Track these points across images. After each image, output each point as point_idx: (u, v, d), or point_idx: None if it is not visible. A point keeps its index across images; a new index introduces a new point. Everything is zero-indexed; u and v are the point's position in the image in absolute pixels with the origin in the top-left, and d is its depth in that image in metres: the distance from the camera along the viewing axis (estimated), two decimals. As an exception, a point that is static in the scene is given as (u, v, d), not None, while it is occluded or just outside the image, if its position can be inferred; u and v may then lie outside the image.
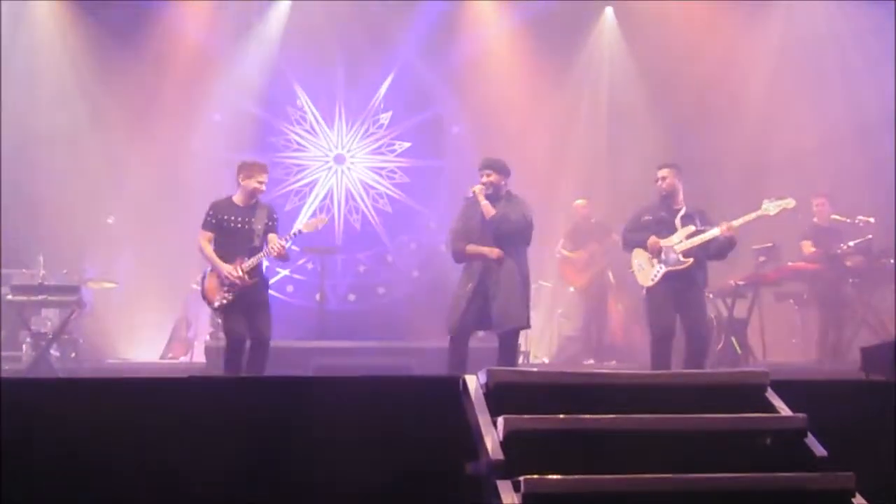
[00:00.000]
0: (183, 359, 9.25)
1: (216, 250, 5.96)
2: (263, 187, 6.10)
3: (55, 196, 9.56)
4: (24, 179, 9.33)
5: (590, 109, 11.01)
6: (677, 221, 6.20)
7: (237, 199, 6.08)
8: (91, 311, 7.98)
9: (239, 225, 5.99)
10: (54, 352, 7.76)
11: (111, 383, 4.20)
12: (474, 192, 6.14)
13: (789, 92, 10.00)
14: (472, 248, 6.03)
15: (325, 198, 10.99)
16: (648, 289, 6.18)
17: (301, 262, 10.50)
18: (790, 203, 6.19)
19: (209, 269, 6.00)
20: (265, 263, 6.17)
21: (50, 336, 7.57)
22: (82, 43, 10.08)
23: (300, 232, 6.19)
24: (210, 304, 6.03)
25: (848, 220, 8.05)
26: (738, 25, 10.25)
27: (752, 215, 6.12)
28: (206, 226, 6.01)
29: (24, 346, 7.81)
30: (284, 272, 10.61)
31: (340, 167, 11.09)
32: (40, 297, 7.58)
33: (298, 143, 11.02)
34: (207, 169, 9.71)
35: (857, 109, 9.70)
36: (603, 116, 10.97)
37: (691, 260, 6.06)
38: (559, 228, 9.47)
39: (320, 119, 11.06)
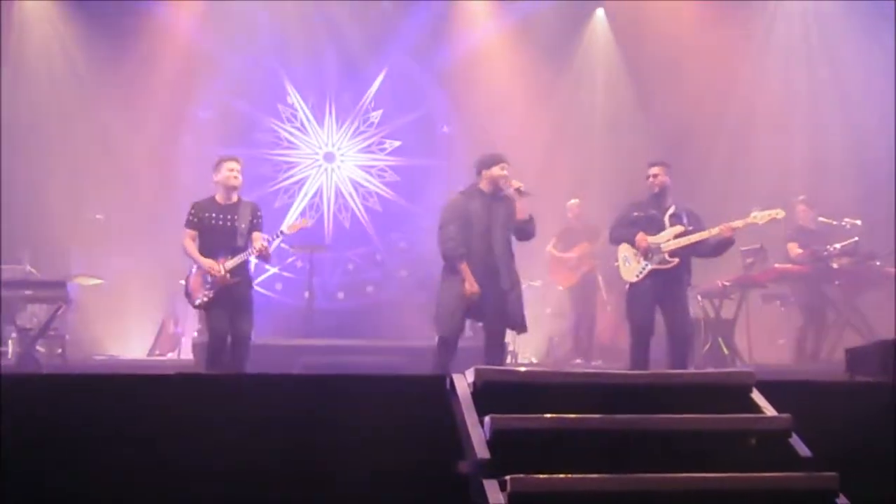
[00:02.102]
0: (170, 355, 9.23)
1: (201, 248, 5.99)
2: (235, 174, 6.02)
3: (42, 191, 9.51)
4: (11, 174, 9.27)
5: (581, 109, 11.02)
6: (666, 220, 6.19)
7: (218, 197, 6.08)
8: (77, 307, 7.94)
9: (221, 223, 5.99)
10: (40, 347, 7.73)
11: (97, 380, 4.18)
12: (518, 189, 5.70)
13: (780, 93, 10.05)
14: (465, 269, 5.65)
15: (314, 196, 10.97)
16: (632, 284, 6.19)
17: (290, 259, 10.49)
18: (779, 213, 6.19)
19: (195, 267, 6.03)
20: (253, 261, 6.15)
21: (36, 332, 7.53)
22: (73, 40, 10.05)
23: (282, 233, 6.20)
24: (192, 301, 6.05)
25: (835, 223, 8.10)
26: (729, 25, 10.28)
27: (740, 223, 6.09)
28: (189, 224, 6.05)
29: (9, 342, 7.77)
30: (273, 270, 10.59)
31: (330, 165, 11.07)
32: (26, 293, 7.53)
33: (288, 141, 11.00)
34: (196, 166, 9.66)
35: (847, 112, 9.75)
36: (595, 116, 10.98)
37: (677, 260, 6.06)
38: (550, 228, 9.46)
39: (311, 116, 11.04)
